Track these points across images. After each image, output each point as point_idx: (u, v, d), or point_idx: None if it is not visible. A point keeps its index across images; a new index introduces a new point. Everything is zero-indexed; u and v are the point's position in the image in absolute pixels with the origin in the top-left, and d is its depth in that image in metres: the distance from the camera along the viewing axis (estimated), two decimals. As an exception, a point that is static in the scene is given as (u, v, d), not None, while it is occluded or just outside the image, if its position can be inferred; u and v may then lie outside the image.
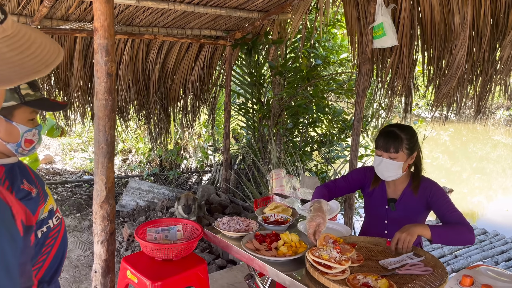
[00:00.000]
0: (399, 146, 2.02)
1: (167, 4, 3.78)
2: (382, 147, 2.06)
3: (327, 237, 1.88)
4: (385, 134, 2.07)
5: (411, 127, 2.13)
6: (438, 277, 1.70)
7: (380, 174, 2.11)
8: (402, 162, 2.05)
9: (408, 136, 2.05)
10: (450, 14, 3.26)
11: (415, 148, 2.09)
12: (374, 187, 2.22)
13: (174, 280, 2.04)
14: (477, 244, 4.24)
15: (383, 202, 2.19)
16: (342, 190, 2.28)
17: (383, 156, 2.06)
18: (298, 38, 5.25)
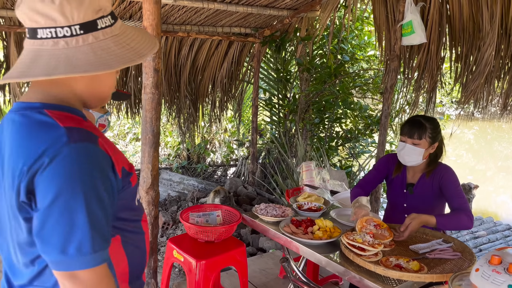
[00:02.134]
0: (423, 134, 2.18)
1: (201, 3, 3.96)
2: (406, 133, 2.22)
3: (370, 220, 2.02)
4: (411, 121, 2.24)
5: (436, 119, 2.28)
6: (466, 261, 1.82)
7: (402, 158, 2.26)
8: (423, 149, 2.20)
9: (432, 126, 2.20)
10: (479, 12, 3.32)
11: (437, 139, 2.23)
12: (397, 174, 2.38)
13: (216, 260, 2.21)
14: (502, 239, 4.29)
15: (403, 187, 2.35)
16: (374, 181, 2.45)
17: (407, 142, 2.21)
18: (326, 35, 5.36)
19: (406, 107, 5.63)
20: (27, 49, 0.93)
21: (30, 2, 0.89)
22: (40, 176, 0.86)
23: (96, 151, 0.92)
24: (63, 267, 0.88)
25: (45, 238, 0.87)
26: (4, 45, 4.21)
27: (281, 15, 4.59)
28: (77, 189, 0.87)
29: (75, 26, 0.91)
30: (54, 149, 0.88)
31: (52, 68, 0.88)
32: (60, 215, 0.86)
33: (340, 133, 5.54)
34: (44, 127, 0.92)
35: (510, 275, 1.33)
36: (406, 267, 1.73)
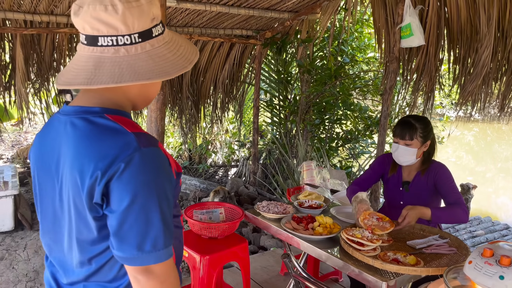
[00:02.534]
0: (414, 134, 2.26)
1: (203, 5, 4.03)
2: (398, 134, 2.30)
3: (372, 213, 2.09)
4: (402, 123, 2.32)
5: (426, 118, 2.36)
6: (461, 256, 1.89)
7: (396, 159, 2.35)
8: (416, 149, 2.28)
9: (422, 126, 2.28)
10: (476, 15, 3.39)
11: (428, 137, 2.31)
12: (393, 173, 2.46)
13: (220, 255, 2.27)
14: (499, 238, 4.35)
15: (399, 185, 2.44)
16: (370, 180, 2.54)
17: (399, 143, 2.30)
18: (326, 37, 5.43)
19: (405, 108, 5.71)
20: (85, 55, 0.98)
21: (93, 11, 0.93)
22: (117, 180, 0.92)
23: (161, 154, 0.98)
24: (138, 262, 0.95)
25: (123, 237, 0.94)
26: (10, 46, 4.29)
27: (282, 17, 4.66)
28: (151, 192, 0.94)
29: (134, 35, 0.96)
30: (127, 154, 0.93)
31: (118, 75, 0.94)
32: (137, 216, 0.93)
33: (340, 134, 5.61)
34: (113, 133, 0.96)
35: (501, 266, 1.39)
36: (403, 261, 1.79)
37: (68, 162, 0.98)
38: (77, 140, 0.98)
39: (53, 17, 3.94)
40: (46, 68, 4.51)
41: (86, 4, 0.94)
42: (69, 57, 4.60)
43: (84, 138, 0.97)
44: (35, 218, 4.31)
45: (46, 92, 4.68)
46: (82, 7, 0.94)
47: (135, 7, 0.94)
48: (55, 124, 1.05)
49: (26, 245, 3.75)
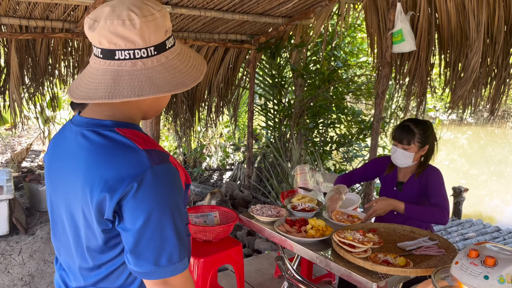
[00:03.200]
0: (412, 139, 2.31)
1: (198, 11, 4.08)
2: (397, 138, 2.36)
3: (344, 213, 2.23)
4: (401, 127, 2.37)
5: (427, 122, 2.40)
6: (450, 257, 1.93)
7: (394, 161, 2.42)
8: (413, 153, 2.34)
9: (421, 131, 2.32)
10: (466, 21, 3.46)
11: (426, 142, 2.35)
12: (389, 172, 2.53)
13: (214, 258, 2.30)
14: (490, 240, 4.41)
15: (393, 185, 2.50)
16: (361, 176, 2.66)
17: (398, 146, 2.36)
18: (320, 42, 5.49)
19: (399, 112, 5.78)
20: (101, 69, 0.99)
21: (110, 26, 0.94)
22: (131, 199, 0.94)
23: (172, 170, 1.00)
24: (155, 276, 0.98)
25: (139, 254, 0.97)
26: (5, 51, 4.31)
27: (276, 22, 4.72)
28: (165, 209, 0.96)
29: (150, 48, 0.97)
30: (139, 172, 0.94)
31: (138, 88, 0.96)
32: (153, 233, 0.95)
33: (334, 137, 5.66)
34: (125, 149, 0.97)
35: (486, 267, 1.44)
36: (393, 262, 1.83)
37: (80, 174, 0.99)
38: (89, 154, 0.99)
39: (48, 22, 3.97)
40: (41, 73, 4.54)
41: (103, 18, 0.95)
42: (64, 62, 4.63)
43: (96, 152, 0.98)
44: (30, 222, 4.32)
45: (41, 96, 4.70)
46: (97, 21, 0.96)
47: (151, 21, 0.96)
48: (67, 133, 1.08)
49: (21, 249, 3.76)
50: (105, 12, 0.96)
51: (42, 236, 3.97)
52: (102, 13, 0.96)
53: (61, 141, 1.09)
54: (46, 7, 3.73)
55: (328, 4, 4.11)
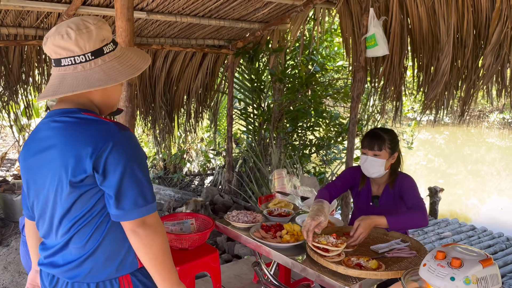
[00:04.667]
0: (382, 145, 2.31)
1: (174, 17, 4.07)
2: (367, 145, 2.34)
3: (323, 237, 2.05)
4: (370, 134, 2.37)
5: (392, 130, 2.43)
6: (421, 259, 1.97)
7: (366, 171, 2.37)
8: (384, 159, 2.32)
9: (390, 137, 2.34)
10: (436, 25, 3.55)
11: (396, 149, 2.37)
12: (362, 186, 2.49)
13: (190, 266, 2.29)
14: (465, 239, 4.51)
15: (368, 199, 2.47)
16: (340, 190, 2.53)
17: (368, 154, 2.33)
18: (297, 46, 5.54)
19: (376, 114, 5.87)
20: (54, 75, 1.27)
21: (54, 40, 1.22)
22: (108, 156, 1.20)
23: (135, 136, 1.30)
24: (136, 215, 1.23)
25: (121, 197, 1.22)
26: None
27: (253, 28, 4.74)
28: (136, 161, 1.25)
29: (87, 54, 1.24)
30: (112, 136, 1.22)
31: (75, 86, 1.23)
32: (130, 180, 1.23)
33: (314, 140, 5.71)
34: (96, 122, 1.25)
35: (452, 268, 1.47)
36: (366, 265, 1.86)
37: (60, 147, 1.23)
38: (66, 130, 1.24)
39: (21, 29, 3.90)
40: (15, 81, 4.45)
41: (50, 35, 1.24)
42: (38, 69, 4.55)
43: (70, 127, 1.24)
44: (4, 233, 4.22)
45: (15, 104, 4.61)
46: (48, 38, 1.24)
47: (85, 33, 1.23)
48: (40, 126, 1.33)
49: (-5, 261, 3.67)
50: (52, 31, 1.25)
51: (17, 247, 3.89)
52: (50, 32, 1.25)
53: (36, 132, 1.33)
54: (18, 14, 3.67)
55: (303, 10, 4.15)
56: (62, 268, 1.33)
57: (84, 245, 1.30)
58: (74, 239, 1.29)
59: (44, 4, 3.33)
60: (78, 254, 1.31)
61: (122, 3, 2.40)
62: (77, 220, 1.27)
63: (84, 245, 1.30)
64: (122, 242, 1.34)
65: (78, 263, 1.31)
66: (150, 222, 1.26)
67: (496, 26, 3.18)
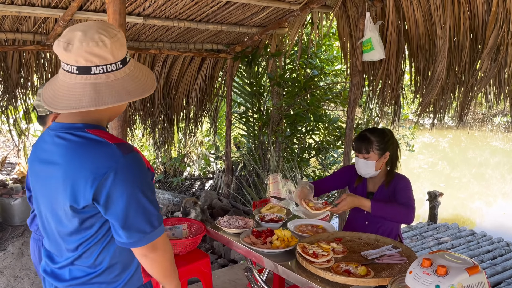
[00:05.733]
0: (369, 147, 2.35)
1: (171, 21, 4.07)
2: (356, 149, 2.41)
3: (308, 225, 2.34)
4: (358, 137, 2.42)
5: (383, 129, 2.44)
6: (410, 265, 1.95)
7: (358, 171, 2.46)
8: (374, 161, 2.36)
9: (378, 138, 2.35)
10: (433, 29, 3.53)
11: (386, 149, 2.38)
12: (358, 183, 2.55)
13: (181, 271, 2.27)
14: (464, 244, 4.47)
15: (364, 195, 2.51)
16: (327, 185, 2.68)
17: (359, 156, 2.39)
18: (296, 50, 5.53)
19: (375, 118, 5.85)
20: (79, 83, 1.18)
21: (86, 47, 1.15)
22: (111, 184, 1.16)
23: (139, 156, 1.25)
24: (144, 242, 1.24)
25: (130, 227, 1.21)
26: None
27: (251, 32, 4.74)
28: (139, 187, 1.21)
29: (118, 62, 1.21)
30: (114, 161, 1.17)
31: (116, 96, 1.19)
32: (136, 209, 1.21)
33: (313, 144, 5.69)
34: (99, 144, 1.20)
35: (438, 276, 1.46)
36: (355, 272, 1.85)
37: (60, 167, 1.20)
38: (68, 151, 1.20)
39: (19, 34, 3.92)
40: (13, 85, 4.48)
41: (77, 41, 1.15)
42: (37, 73, 4.57)
43: (73, 148, 1.20)
44: (1, 237, 4.24)
45: (14, 109, 4.64)
46: (71, 44, 1.15)
47: (116, 41, 1.19)
48: (46, 137, 1.29)
49: (-9, 265, 3.68)
50: (77, 35, 1.16)
51: (13, 252, 3.90)
52: (74, 37, 1.16)
53: (41, 144, 1.31)
54: (15, 20, 3.69)
55: (300, 14, 4.15)
56: (68, 282, 1.32)
57: (92, 264, 1.29)
58: (81, 258, 1.29)
59: (40, 9, 3.35)
60: (85, 272, 1.30)
61: (114, 9, 2.41)
62: (83, 241, 1.26)
63: (92, 264, 1.29)
64: (131, 261, 1.35)
65: (85, 280, 1.31)
66: (159, 245, 1.28)
67: (493, 29, 3.16)
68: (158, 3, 3.63)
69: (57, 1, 3.33)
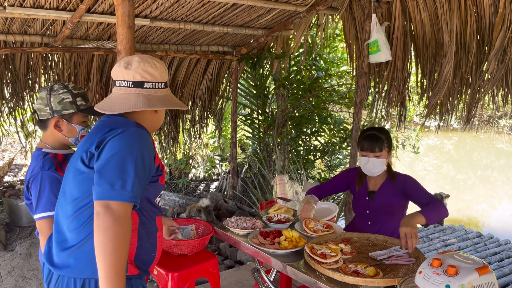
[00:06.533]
0: (382, 146, 2.40)
1: (177, 24, 4.10)
2: (367, 148, 2.41)
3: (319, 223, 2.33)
4: (368, 137, 2.42)
5: (385, 128, 2.48)
6: (419, 266, 1.95)
7: (368, 171, 2.46)
8: (385, 158, 2.42)
9: (386, 136, 2.42)
10: (439, 31, 3.53)
11: (392, 146, 2.48)
12: (360, 185, 2.58)
13: (189, 272, 2.29)
14: (471, 246, 4.44)
15: (365, 195, 2.55)
16: (328, 190, 2.70)
17: (369, 156, 2.41)
18: (301, 52, 5.54)
19: (380, 120, 5.84)
20: (133, 94, 1.51)
21: (143, 66, 1.51)
22: (112, 140, 1.37)
23: (149, 137, 1.46)
24: (105, 196, 1.28)
25: (103, 173, 1.31)
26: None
27: (257, 34, 4.76)
28: (132, 151, 1.35)
29: (162, 83, 1.57)
30: (124, 127, 1.42)
31: (161, 104, 1.54)
32: (117, 163, 1.33)
33: (318, 146, 5.69)
34: (121, 119, 1.49)
35: (448, 276, 1.46)
36: (363, 272, 1.85)
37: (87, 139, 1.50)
38: (98, 125, 1.51)
39: (27, 36, 3.95)
40: (21, 87, 4.51)
41: (136, 62, 1.52)
42: (44, 76, 4.61)
43: (103, 123, 1.50)
44: (9, 238, 4.26)
45: (21, 110, 4.67)
46: (130, 64, 1.51)
47: (163, 66, 1.57)
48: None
49: (-1, 266, 3.71)
50: (135, 59, 1.53)
51: (21, 252, 3.92)
52: (133, 60, 1.53)
53: None
54: (24, 22, 3.72)
55: (306, 16, 4.16)
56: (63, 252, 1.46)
57: (78, 228, 1.42)
58: (74, 221, 1.43)
59: (49, 12, 3.38)
60: (72, 241, 1.43)
61: (123, 11, 2.43)
62: (79, 200, 1.43)
63: (78, 229, 1.42)
64: None
65: (71, 251, 1.43)
66: (115, 209, 1.28)
67: (500, 31, 3.15)
68: (165, 5, 3.65)
69: (65, 4, 3.36)
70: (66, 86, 1.90)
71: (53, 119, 1.88)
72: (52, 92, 1.86)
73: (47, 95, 1.85)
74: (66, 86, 1.90)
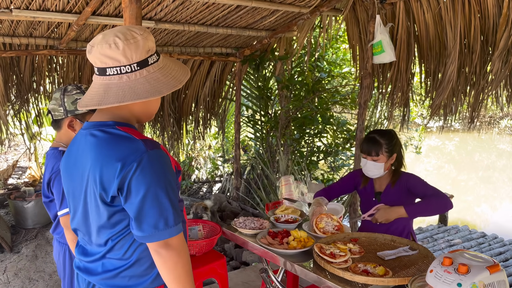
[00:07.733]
0: (379, 150, 2.38)
1: (182, 25, 4.12)
2: (365, 151, 2.43)
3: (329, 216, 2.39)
4: (367, 140, 2.44)
5: (391, 131, 2.47)
6: (428, 265, 1.96)
7: (366, 173, 2.48)
8: (383, 163, 2.40)
9: (387, 141, 2.39)
10: (443, 31, 3.55)
11: (394, 151, 2.43)
12: (364, 185, 2.58)
13: (197, 272, 2.30)
14: (476, 246, 4.46)
15: (371, 195, 2.55)
16: (336, 192, 2.70)
17: (367, 158, 2.42)
18: (304, 53, 5.56)
19: (384, 121, 5.86)
20: (97, 83, 1.26)
21: (100, 49, 1.21)
22: (133, 177, 1.20)
23: (163, 154, 1.26)
24: (155, 238, 1.22)
25: (142, 220, 1.22)
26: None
27: (260, 35, 4.78)
28: (160, 183, 1.22)
29: (133, 64, 1.23)
30: (138, 155, 1.20)
31: (121, 96, 1.22)
32: (152, 203, 1.21)
33: (321, 147, 5.70)
34: (125, 140, 1.24)
35: (459, 274, 1.47)
36: (373, 272, 1.86)
37: (91, 163, 1.26)
38: (97, 146, 1.26)
39: (32, 39, 3.98)
40: (26, 90, 4.53)
41: (96, 44, 1.22)
42: (49, 78, 4.63)
43: (101, 144, 1.25)
44: (15, 240, 4.28)
45: (26, 113, 4.69)
46: (93, 46, 1.23)
47: (132, 43, 1.22)
48: (78, 137, 1.35)
49: (6, 268, 3.71)
50: (98, 39, 1.23)
51: (27, 254, 3.93)
52: (96, 40, 1.23)
53: (74, 145, 1.38)
54: (29, 25, 3.74)
55: (310, 17, 4.18)
56: (100, 276, 1.36)
57: (122, 257, 1.32)
58: (112, 251, 1.32)
59: (54, 14, 3.40)
60: (116, 265, 1.33)
61: (130, 13, 2.45)
62: (113, 235, 1.29)
63: (122, 257, 1.32)
64: None
65: (116, 273, 1.34)
66: (174, 244, 1.24)
67: (504, 31, 3.17)
68: (170, 7, 3.67)
69: (71, 6, 3.38)
70: (79, 87, 1.93)
71: (66, 119, 1.92)
72: (66, 92, 1.89)
73: (61, 96, 1.88)
74: (79, 87, 1.93)
